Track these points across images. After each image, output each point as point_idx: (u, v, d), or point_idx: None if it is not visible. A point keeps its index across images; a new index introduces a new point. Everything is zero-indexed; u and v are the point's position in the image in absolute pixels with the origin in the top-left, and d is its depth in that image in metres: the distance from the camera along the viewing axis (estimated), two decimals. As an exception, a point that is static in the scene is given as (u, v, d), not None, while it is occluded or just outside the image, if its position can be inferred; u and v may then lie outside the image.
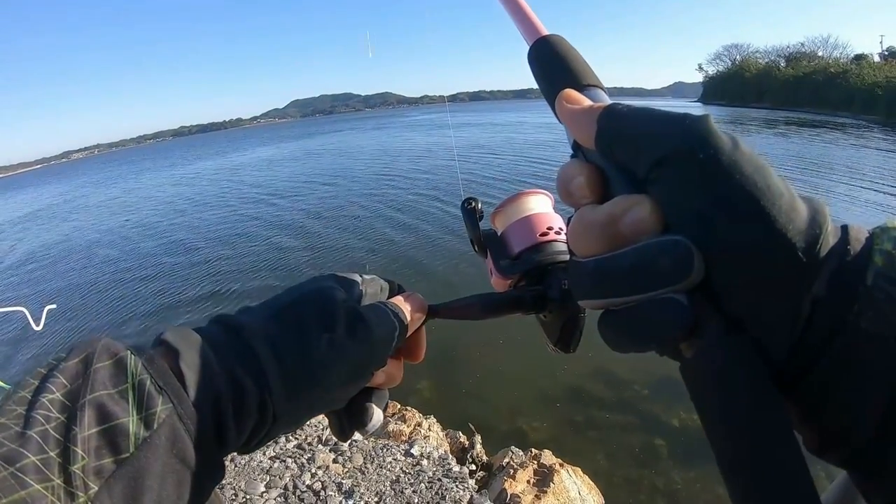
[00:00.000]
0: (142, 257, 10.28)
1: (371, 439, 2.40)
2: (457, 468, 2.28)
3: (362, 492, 2.07)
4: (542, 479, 2.52)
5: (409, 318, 0.39)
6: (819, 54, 47.32)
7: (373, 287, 0.41)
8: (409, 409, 3.08)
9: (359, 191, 14.44)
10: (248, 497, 2.01)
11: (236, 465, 2.18)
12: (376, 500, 2.04)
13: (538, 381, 4.37)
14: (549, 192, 0.48)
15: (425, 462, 2.28)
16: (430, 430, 2.82)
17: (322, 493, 2.06)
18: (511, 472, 2.53)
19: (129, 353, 0.28)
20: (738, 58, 57.21)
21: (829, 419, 0.21)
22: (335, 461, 2.26)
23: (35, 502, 0.21)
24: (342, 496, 2.05)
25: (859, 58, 40.14)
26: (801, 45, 49.75)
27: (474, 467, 2.78)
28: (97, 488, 0.23)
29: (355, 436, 0.40)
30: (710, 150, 0.21)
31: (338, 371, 0.34)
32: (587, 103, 0.28)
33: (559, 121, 0.30)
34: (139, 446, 0.25)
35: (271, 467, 2.19)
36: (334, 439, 2.43)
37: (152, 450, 0.25)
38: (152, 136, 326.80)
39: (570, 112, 0.28)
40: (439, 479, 2.16)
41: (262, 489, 2.06)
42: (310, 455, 2.28)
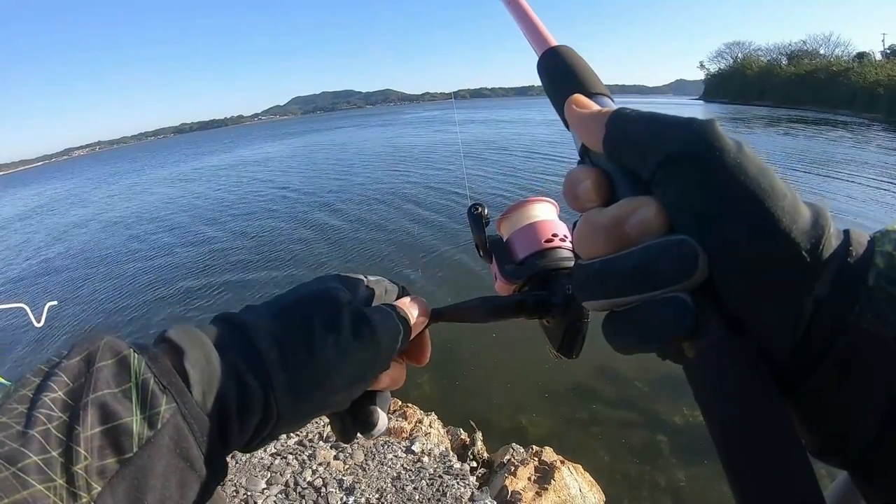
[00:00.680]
0: (143, 256, 10.29)
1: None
2: (458, 465, 2.29)
3: (363, 488, 2.07)
4: (543, 476, 2.53)
5: (412, 321, 0.39)
6: (821, 52, 47.27)
7: (378, 289, 0.41)
8: (409, 405, 3.08)
9: (371, 186, 14.45)
10: (249, 494, 2.02)
11: (237, 462, 2.18)
12: (377, 496, 2.04)
13: (539, 378, 4.37)
14: (554, 201, 0.48)
15: (426, 459, 2.29)
16: (430, 427, 2.82)
17: (323, 489, 2.07)
18: (512, 469, 2.53)
19: (131, 351, 0.27)
20: (739, 55, 57.18)
21: (829, 421, 0.21)
22: (336, 458, 2.27)
23: (37, 502, 0.21)
24: (343, 493, 2.06)
25: (861, 56, 40.05)
26: (803, 43, 49.72)
27: (475, 464, 2.78)
28: (100, 488, 0.23)
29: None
30: (716, 152, 0.22)
31: (342, 373, 0.34)
32: (596, 108, 0.29)
33: (567, 128, 0.31)
34: (142, 446, 0.25)
35: (272, 464, 2.19)
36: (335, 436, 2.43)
37: (156, 449, 0.25)
38: (153, 134, 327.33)
39: (579, 116, 0.29)
40: (440, 476, 2.16)
41: (263, 486, 2.07)
42: (311, 452, 2.28)
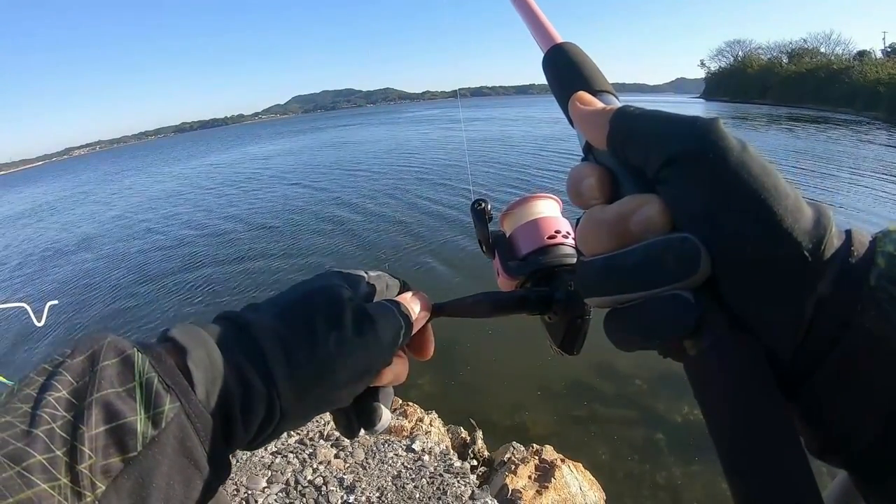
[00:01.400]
0: (142, 255, 10.30)
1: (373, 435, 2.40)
2: (458, 463, 2.29)
3: (364, 487, 2.08)
4: (544, 474, 2.53)
5: (414, 316, 0.39)
6: (821, 51, 47.14)
7: (379, 284, 0.41)
8: (410, 404, 3.08)
9: (380, 182, 14.51)
10: (249, 492, 2.02)
11: (238, 461, 2.18)
12: (378, 495, 2.04)
13: (539, 376, 4.37)
14: (557, 197, 0.48)
15: (427, 457, 2.29)
16: (431, 426, 2.82)
17: (324, 488, 2.07)
18: (512, 467, 2.54)
19: (135, 350, 0.27)
20: (740, 54, 57.07)
21: (830, 421, 0.21)
22: (337, 456, 2.27)
23: (42, 502, 0.21)
24: (344, 491, 2.06)
25: (862, 54, 39.98)
26: (804, 41, 49.58)
27: (476, 463, 2.78)
28: (104, 487, 0.23)
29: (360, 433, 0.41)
30: (720, 150, 0.22)
31: (345, 369, 0.34)
32: (600, 105, 0.29)
33: (571, 125, 0.31)
34: (147, 445, 0.25)
35: (273, 462, 2.19)
36: (336, 434, 2.44)
37: (160, 449, 0.25)
38: (154, 133, 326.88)
39: (583, 112, 0.29)
40: (441, 475, 2.16)
41: (264, 484, 2.07)
42: (311, 450, 2.28)
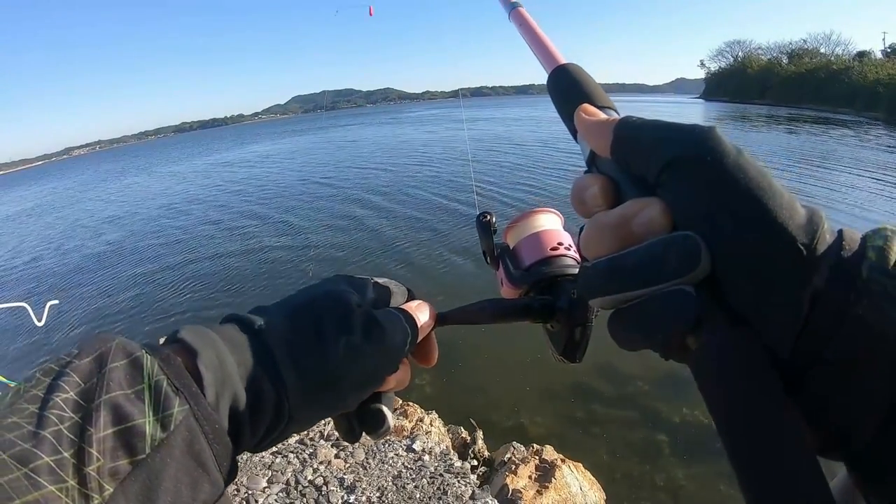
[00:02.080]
0: (143, 253, 10.31)
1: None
2: (458, 464, 2.29)
3: (364, 487, 2.07)
4: (544, 474, 2.53)
5: (420, 324, 0.40)
6: (821, 51, 47.22)
7: (385, 291, 0.41)
8: (410, 404, 3.08)
9: (389, 182, 14.58)
10: (250, 492, 2.02)
11: (238, 460, 2.18)
12: (378, 495, 2.04)
13: (540, 376, 4.37)
14: (558, 212, 0.50)
15: (427, 457, 2.29)
16: (431, 426, 2.82)
17: (324, 488, 2.07)
18: (513, 467, 2.54)
19: (144, 352, 0.27)
20: (740, 54, 57.15)
21: (830, 415, 0.21)
22: (337, 456, 2.27)
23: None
24: (344, 491, 2.06)
25: (861, 55, 40.02)
26: (804, 41, 49.66)
27: (476, 463, 2.78)
28: (112, 490, 0.23)
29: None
30: (717, 154, 0.23)
31: (353, 375, 0.34)
32: (604, 116, 0.31)
33: (576, 140, 0.33)
34: (155, 448, 0.25)
35: (273, 462, 2.19)
36: (336, 435, 2.44)
37: (168, 451, 0.25)
38: (154, 133, 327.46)
39: (588, 123, 0.31)
40: (441, 475, 2.16)
41: (264, 484, 2.07)
42: (312, 450, 2.28)
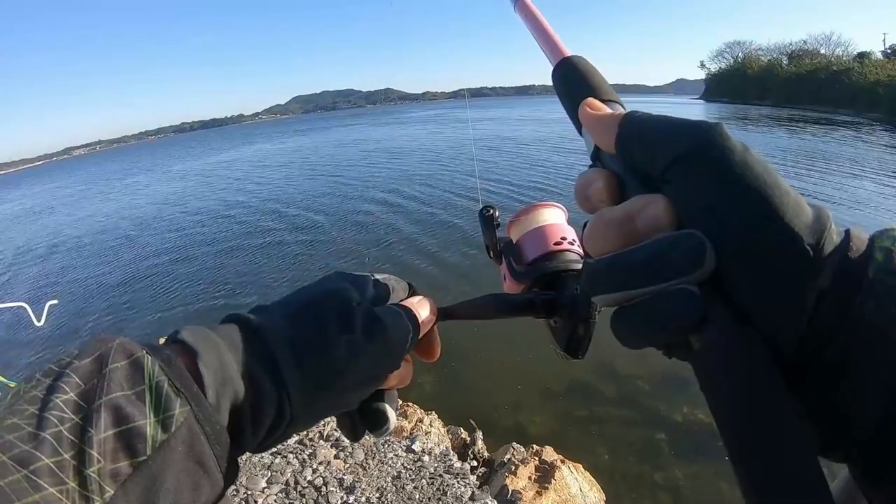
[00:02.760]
0: (144, 252, 10.30)
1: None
2: (458, 464, 2.29)
3: (363, 487, 2.07)
4: (544, 475, 2.53)
5: (422, 320, 0.39)
6: (822, 52, 47.15)
7: (386, 287, 0.41)
8: (410, 404, 3.08)
9: (398, 180, 14.70)
10: (249, 493, 2.01)
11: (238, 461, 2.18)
12: (377, 495, 2.04)
13: (540, 377, 4.37)
14: (562, 206, 0.50)
15: (427, 458, 2.28)
16: (431, 426, 2.82)
17: (323, 488, 2.07)
18: (512, 468, 2.54)
19: (145, 353, 0.27)
20: (740, 55, 57.09)
21: (831, 416, 0.21)
22: (336, 457, 2.27)
23: None
24: (343, 492, 2.05)
25: (862, 55, 39.97)
26: (804, 42, 49.60)
27: (476, 463, 2.78)
28: (113, 492, 0.23)
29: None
30: (723, 151, 0.23)
31: (355, 373, 0.34)
32: (609, 110, 0.31)
33: (580, 133, 0.33)
34: (156, 449, 0.25)
35: (272, 463, 2.19)
36: (336, 435, 2.44)
37: (170, 453, 0.25)
38: (155, 133, 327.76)
39: (593, 117, 0.30)
40: (440, 475, 2.16)
41: (264, 484, 2.07)
42: (311, 451, 2.28)
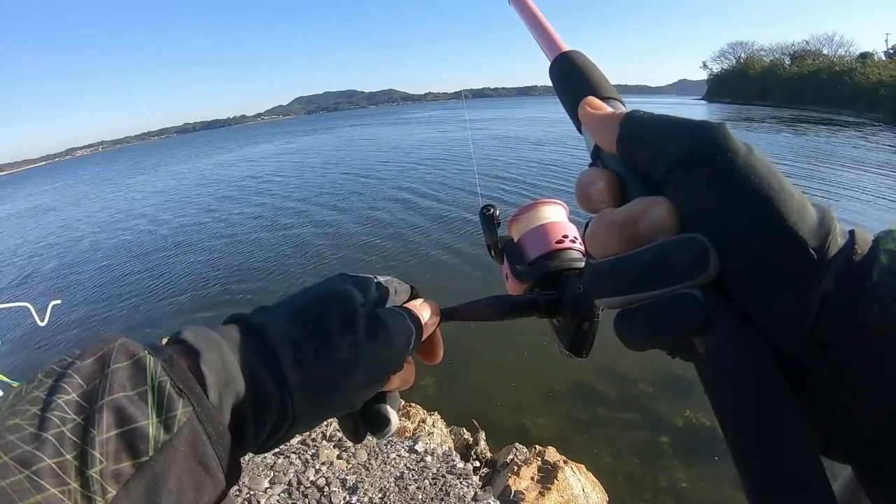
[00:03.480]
0: (146, 254, 10.32)
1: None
2: (461, 465, 2.29)
3: (366, 488, 2.07)
4: (546, 475, 2.53)
5: (424, 322, 0.39)
6: (824, 52, 47.06)
7: (388, 289, 0.41)
8: (413, 405, 3.08)
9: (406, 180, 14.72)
10: (252, 493, 2.01)
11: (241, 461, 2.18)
12: (380, 496, 2.04)
13: (542, 378, 4.37)
14: (563, 203, 0.49)
15: (429, 458, 2.28)
16: (434, 427, 2.82)
17: (326, 489, 2.07)
18: (515, 468, 2.53)
19: (147, 353, 0.27)
20: (742, 55, 57.02)
21: (833, 416, 0.21)
22: (339, 457, 2.27)
23: None
24: (346, 492, 2.05)
25: (864, 56, 39.88)
26: (806, 42, 49.52)
27: (478, 464, 2.78)
28: (115, 492, 0.23)
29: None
30: (727, 153, 0.23)
31: (358, 374, 0.34)
32: (610, 109, 0.30)
33: (579, 131, 0.32)
34: (159, 450, 0.25)
35: (275, 463, 2.19)
36: (338, 435, 2.44)
37: (172, 453, 0.25)
38: (157, 133, 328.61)
39: (593, 116, 0.30)
40: (443, 476, 2.16)
41: (266, 485, 2.07)
42: (314, 451, 2.28)
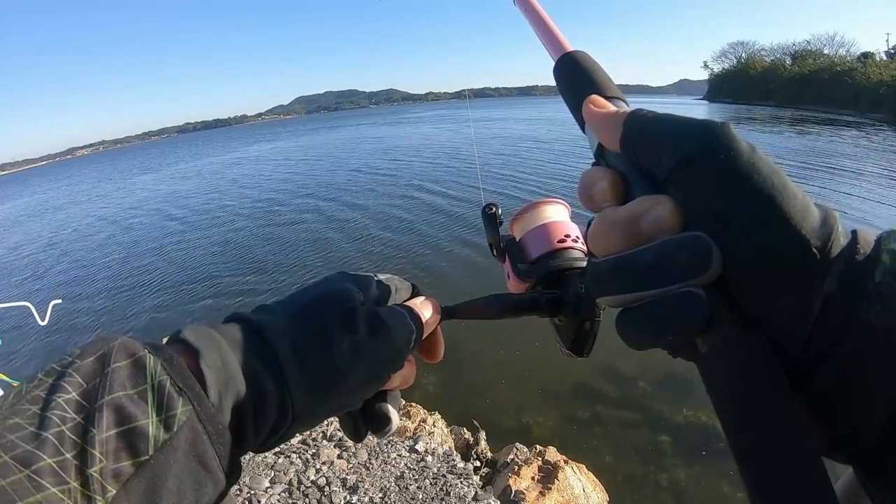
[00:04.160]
0: (147, 252, 10.32)
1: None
2: (461, 464, 2.29)
3: (367, 487, 2.07)
4: (547, 475, 2.52)
5: (425, 320, 0.39)
6: (825, 52, 47.03)
7: (389, 287, 0.41)
8: (413, 404, 3.08)
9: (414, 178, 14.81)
10: (252, 492, 2.02)
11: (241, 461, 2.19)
12: (381, 496, 2.04)
13: (543, 378, 4.37)
14: (565, 202, 0.49)
15: (430, 458, 2.28)
16: (434, 426, 2.82)
17: (327, 488, 2.07)
18: (515, 468, 2.53)
19: (147, 352, 0.27)
20: (743, 55, 57.02)
21: (836, 417, 0.21)
22: (340, 457, 2.27)
23: None
24: (347, 492, 2.05)
25: (865, 56, 39.84)
26: (807, 42, 49.48)
27: (479, 463, 2.78)
28: (115, 491, 0.23)
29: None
30: (731, 152, 0.23)
31: (358, 373, 0.34)
32: (613, 108, 0.30)
33: (583, 131, 0.32)
34: (158, 449, 0.25)
35: (276, 462, 2.19)
36: (339, 435, 2.44)
37: (172, 453, 0.25)
38: (157, 133, 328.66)
39: (597, 115, 0.30)
40: (444, 476, 2.16)
41: (267, 484, 2.07)
42: (314, 450, 2.28)
